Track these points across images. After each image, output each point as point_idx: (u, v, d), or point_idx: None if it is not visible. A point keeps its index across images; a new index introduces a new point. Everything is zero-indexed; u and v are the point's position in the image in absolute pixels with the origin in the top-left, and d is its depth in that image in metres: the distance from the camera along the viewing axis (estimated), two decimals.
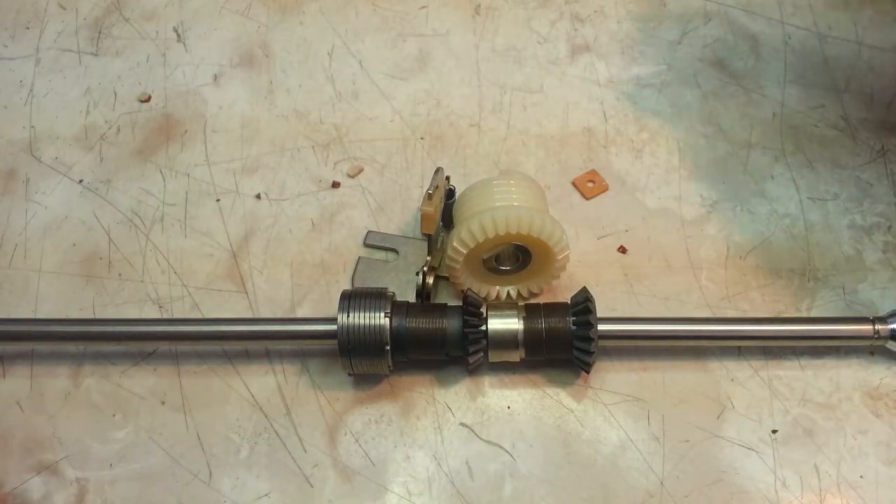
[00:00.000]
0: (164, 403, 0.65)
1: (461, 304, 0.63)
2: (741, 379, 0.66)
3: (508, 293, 0.69)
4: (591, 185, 0.76)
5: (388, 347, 0.61)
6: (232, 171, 0.78)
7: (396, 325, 0.62)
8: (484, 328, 0.62)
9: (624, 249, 0.73)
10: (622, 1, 0.90)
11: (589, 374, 0.65)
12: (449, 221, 0.69)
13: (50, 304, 0.71)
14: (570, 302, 0.64)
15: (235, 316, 0.69)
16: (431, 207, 0.64)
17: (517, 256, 0.66)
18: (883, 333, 0.64)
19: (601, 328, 0.62)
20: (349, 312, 0.61)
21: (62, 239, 0.74)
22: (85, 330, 0.66)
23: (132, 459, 0.63)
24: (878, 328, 0.64)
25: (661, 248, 0.73)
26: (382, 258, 0.73)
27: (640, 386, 0.65)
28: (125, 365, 0.67)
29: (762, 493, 0.61)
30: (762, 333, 0.65)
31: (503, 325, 0.62)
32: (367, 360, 0.62)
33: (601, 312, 0.63)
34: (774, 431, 0.63)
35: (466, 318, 0.62)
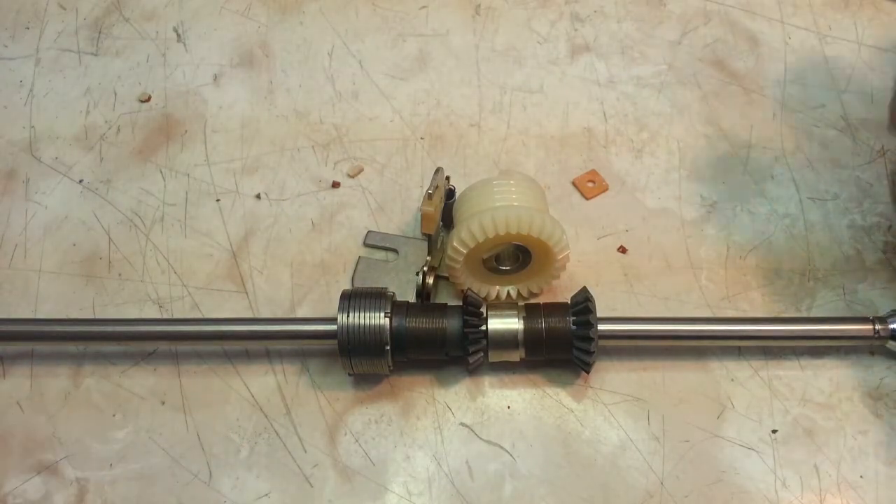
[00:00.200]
0: (164, 403, 0.65)
1: (461, 304, 0.63)
2: (741, 379, 0.66)
3: (508, 293, 0.69)
4: (591, 185, 0.76)
5: (388, 347, 0.61)
6: (232, 171, 0.78)
7: (396, 325, 0.62)
8: (484, 328, 0.62)
9: (624, 249, 0.73)
10: (622, 1, 0.90)
11: (589, 374, 0.65)
12: (449, 221, 0.69)
13: (50, 304, 0.71)
14: (570, 302, 0.64)
15: (235, 316, 0.69)
16: (431, 207, 0.64)
17: (517, 256, 0.66)
18: (883, 333, 0.64)
19: (601, 328, 0.62)
20: (349, 312, 0.61)
21: (62, 239, 0.74)
22: (85, 330, 0.66)
23: (132, 459, 0.63)
24: (878, 328, 0.64)
25: (661, 248, 0.73)
26: (382, 258, 0.73)
27: (640, 386, 0.65)
28: (125, 365, 0.67)
29: (762, 493, 0.61)
30: (762, 333, 0.65)
31: (503, 325, 0.62)
32: (367, 360, 0.62)
33: (601, 312, 0.63)
34: (774, 431, 0.63)
35: (466, 318, 0.62)
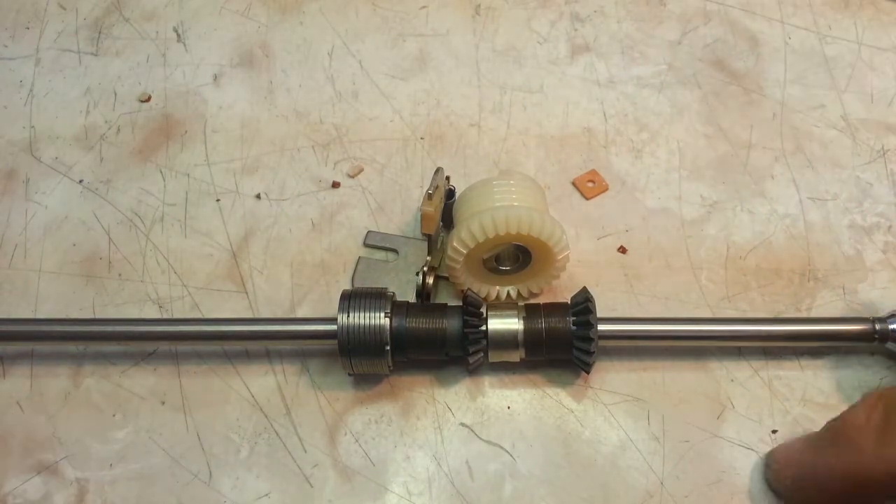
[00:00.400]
0: (164, 403, 0.65)
1: (461, 304, 0.63)
2: (741, 379, 0.66)
3: (508, 293, 0.69)
4: (591, 185, 0.76)
5: (388, 347, 0.61)
6: (232, 171, 0.78)
7: (396, 325, 0.62)
8: (484, 328, 0.62)
9: (624, 249, 0.73)
10: (622, 1, 0.90)
11: (589, 374, 0.65)
12: (449, 221, 0.69)
13: (50, 304, 0.71)
14: (570, 302, 0.64)
15: (235, 316, 0.69)
16: (431, 207, 0.64)
17: (517, 256, 0.66)
18: (883, 334, 0.64)
19: (601, 328, 0.62)
20: (349, 312, 0.61)
21: (62, 239, 0.74)
22: (85, 330, 0.66)
23: (132, 459, 0.63)
24: (878, 328, 0.64)
25: (661, 248, 0.73)
26: (382, 258, 0.73)
27: (640, 386, 0.65)
28: (125, 365, 0.67)
29: (762, 492, 0.61)
30: (762, 333, 0.65)
31: (503, 325, 0.62)
32: (367, 360, 0.62)
33: (601, 312, 0.63)
34: (774, 431, 0.63)
35: (466, 318, 0.62)
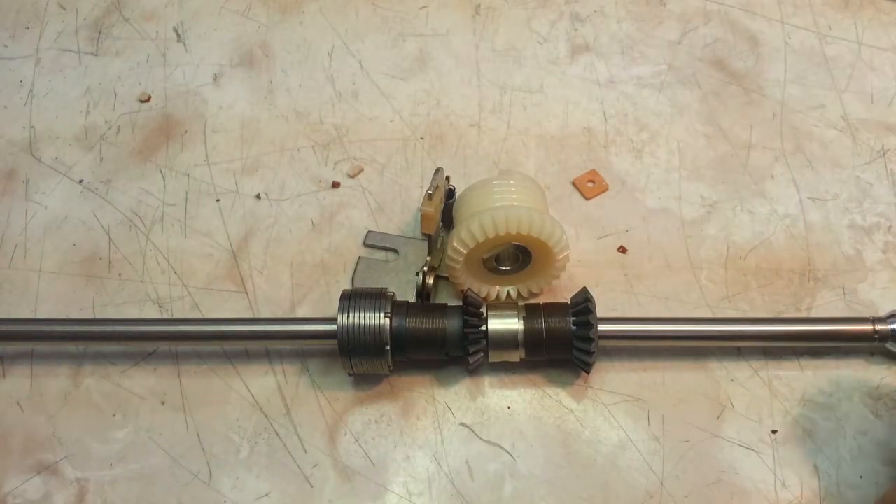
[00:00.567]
0: (164, 403, 0.65)
1: (461, 304, 0.63)
2: (741, 379, 0.66)
3: (508, 293, 0.69)
4: (591, 185, 0.76)
5: (388, 347, 0.61)
6: (232, 171, 0.78)
7: (396, 325, 0.62)
8: (484, 328, 0.62)
9: (624, 249, 0.73)
10: (622, 1, 0.90)
11: (589, 374, 0.65)
12: (449, 221, 0.69)
13: (50, 304, 0.71)
14: (570, 302, 0.64)
15: (235, 316, 0.69)
16: (431, 207, 0.64)
17: (517, 256, 0.66)
18: (883, 334, 0.64)
19: (601, 328, 0.62)
20: (349, 312, 0.61)
21: (62, 239, 0.74)
22: (85, 330, 0.66)
23: (132, 459, 0.63)
24: (877, 328, 0.64)
25: (661, 248, 0.73)
26: (382, 258, 0.73)
27: (640, 386, 0.65)
28: (125, 365, 0.67)
29: (762, 493, 0.61)
30: (762, 333, 0.65)
31: (503, 325, 0.62)
32: (367, 360, 0.62)
33: (601, 312, 0.63)
34: (774, 431, 0.63)
35: (466, 318, 0.62)
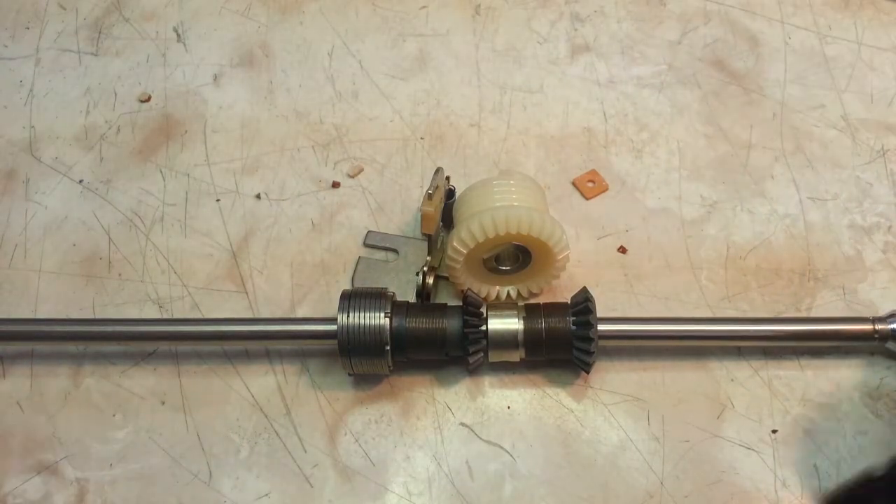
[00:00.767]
0: (164, 403, 0.65)
1: (461, 304, 0.63)
2: (741, 379, 0.66)
3: (508, 293, 0.69)
4: (591, 185, 0.76)
5: (388, 347, 0.61)
6: (232, 171, 0.78)
7: (396, 325, 0.62)
8: (484, 328, 0.62)
9: (624, 249, 0.73)
10: (622, 1, 0.90)
11: (589, 374, 0.65)
12: (449, 221, 0.69)
13: (50, 304, 0.71)
14: (570, 302, 0.64)
15: (235, 316, 0.69)
16: (431, 207, 0.64)
17: (517, 256, 0.66)
18: (883, 333, 0.64)
19: (601, 328, 0.62)
20: (349, 312, 0.61)
21: (62, 239, 0.74)
22: (85, 330, 0.66)
23: (132, 459, 0.63)
24: (878, 328, 0.64)
25: (661, 248, 0.73)
26: (382, 258, 0.73)
27: (640, 386, 0.65)
28: (125, 365, 0.67)
29: (762, 493, 0.61)
30: (762, 333, 0.65)
31: (503, 325, 0.62)
32: (367, 360, 0.62)
33: (601, 312, 0.63)
34: (774, 431, 0.63)
35: (466, 318, 0.62)
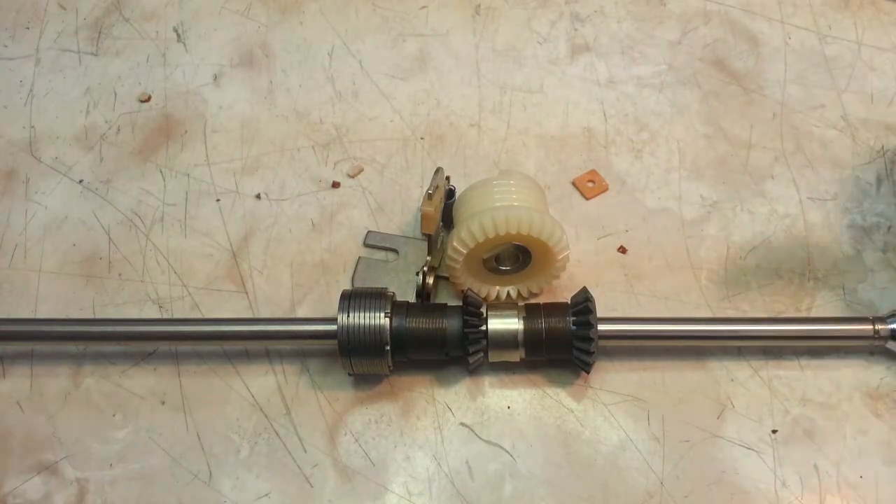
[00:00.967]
0: (164, 403, 0.65)
1: (461, 304, 0.63)
2: (741, 379, 0.66)
3: (508, 293, 0.69)
4: (591, 185, 0.76)
5: (388, 347, 0.61)
6: (232, 171, 0.78)
7: (396, 325, 0.62)
8: (484, 328, 0.62)
9: (624, 249, 0.73)
10: (622, 1, 0.90)
11: (589, 374, 0.65)
12: (449, 221, 0.69)
13: (50, 304, 0.71)
14: (570, 302, 0.64)
15: (235, 316, 0.69)
16: (431, 207, 0.64)
17: (517, 256, 0.66)
18: (883, 333, 0.64)
19: (601, 328, 0.62)
20: (349, 312, 0.61)
21: (62, 239, 0.74)
22: (85, 330, 0.66)
23: (132, 459, 0.63)
24: (878, 328, 0.64)
25: (661, 248, 0.73)
26: (382, 258, 0.73)
27: (640, 386, 0.65)
28: (125, 365, 0.67)
29: (762, 493, 0.61)
30: (762, 333, 0.65)
31: (503, 325, 0.62)
32: (367, 360, 0.62)
33: (601, 312, 0.63)
34: (774, 431, 0.63)
35: (466, 318, 0.62)
